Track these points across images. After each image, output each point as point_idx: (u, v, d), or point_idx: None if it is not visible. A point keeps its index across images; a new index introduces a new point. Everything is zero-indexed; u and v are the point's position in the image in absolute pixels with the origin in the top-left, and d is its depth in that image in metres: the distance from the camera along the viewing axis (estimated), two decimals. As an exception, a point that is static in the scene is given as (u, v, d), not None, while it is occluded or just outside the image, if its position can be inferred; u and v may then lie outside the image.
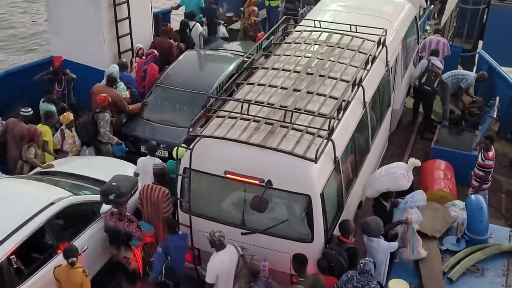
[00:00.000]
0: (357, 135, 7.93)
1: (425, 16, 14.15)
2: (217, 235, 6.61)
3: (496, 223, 8.38)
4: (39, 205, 7.07)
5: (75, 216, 7.56)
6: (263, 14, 15.31)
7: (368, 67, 8.39)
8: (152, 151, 8.58)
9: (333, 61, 8.34)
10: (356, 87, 7.88)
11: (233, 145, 6.78)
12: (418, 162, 7.71)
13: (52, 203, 7.14)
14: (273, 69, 8.30)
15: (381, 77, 9.06)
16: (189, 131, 7.07)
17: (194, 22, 12.71)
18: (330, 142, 6.84)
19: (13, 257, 6.53)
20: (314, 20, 9.54)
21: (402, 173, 7.58)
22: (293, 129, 6.91)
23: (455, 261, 7.19)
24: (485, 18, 16.75)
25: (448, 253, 7.35)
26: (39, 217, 6.92)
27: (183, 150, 7.14)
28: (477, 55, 14.10)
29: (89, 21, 10.73)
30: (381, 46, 8.98)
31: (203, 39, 12.75)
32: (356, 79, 7.82)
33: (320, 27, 9.39)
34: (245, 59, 8.84)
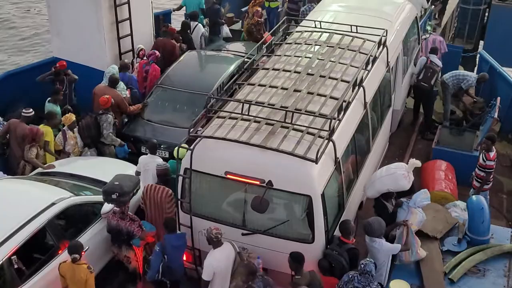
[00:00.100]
0: (357, 135, 7.92)
1: (425, 16, 14.14)
2: (214, 232, 6.62)
3: (498, 224, 8.37)
4: (40, 205, 7.08)
5: (76, 217, 7.58)
6: (263, 15, 15.29)
7: (369, 67, 8.39)
8: (152, 149, 8.61)
9: (334, 62, 8.34)
10: (356, 87, 7.87)
11: (233, 145, 6.78)
12: (418, 163, 7.71)
13: (53, 204, 7.16)
14: (273, 69, 8.30)
15: (381, 77, 9.06)
16: (189, 132, 7.08)
17: (196, 22, 12.72)
18: (330, 142, 6.84)
19: (14, 257, 6.54)
20: (315, 21, 9.55)
21: (402, 174, 7.57)
22: (293, 129, 6.91)
23: (456, 262, 7.18)
24: (486, 18, 16.76)
25: (449, 254, 7.34)
26: (40, 218, 6.93)
27: (184, 150, 7.15)
28: (478, 55, 14.09)
29: (90, 22, 10.73)
30: (381, 46, 8.98)
31: (205, 40, 12.77)
32: (356, 79, 7.81)
33: (321, 28, 9.40)
34: (246, 59, 8.84)
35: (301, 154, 6.52)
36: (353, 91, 7.77)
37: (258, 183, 6.63)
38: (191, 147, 6.97)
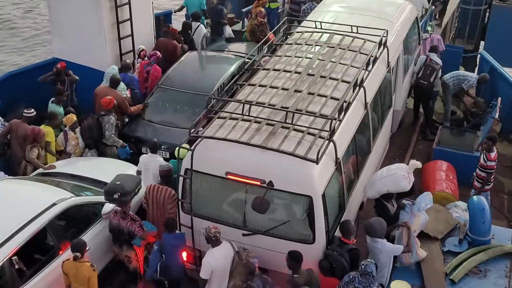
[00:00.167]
0: (358, 136, 7.92)
1: (426, 16, 14.14)
2: (213, 231, 6.63)
3: (499, 224, 8.36)
4: (41, 206, 7.08)
5: (76, 217, 7.58)
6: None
7: (369, 68, 8.39)
8: (153, 148, 8.61)
9: (335, 62, 8.34)
10: (357, 88, 7.88)
11: (234, 146, 6.78)
12: (419, 164, 7.70)
13: (54, 204, 7.16)
14: (274, 70, 8.30)
15: (382, 78, 9.06)
16: (190, 132, 7.08)
17: (198, 23, 12.73)
18: (331, 143, 6.84)
19: (15, 258, 6.54)
20: (315, 21, 9.55)
21: (403, 175, 7.56)
22: (294, 130, 6.91)
23: (457, 263, 7.18)
24: (486, 18, 16.75)
25: (450, 254, 7.34)
26: (41, 218, 6.93)
27: (185, 151, 7.15)
28: (478, 55, 14.08)
29: (90, 22, 10.74)
30: (382, 47, 8.98)
31: (206, 40, 12.76)
32: (357, 80, 7.81)
33: (321, 28, 9.40)
34: (247, 60, 8.84)
35: (301, 154, 6.52)
36: (353, 91, 7.77)
37: (258, 183, 6.63)
38: (192, 147, 6.98)
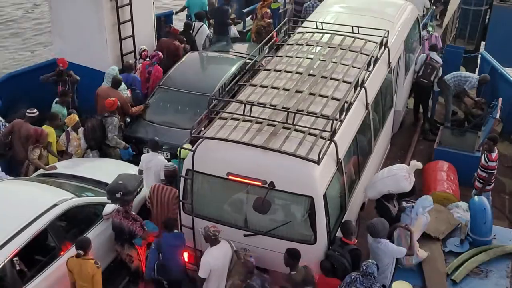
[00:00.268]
0: (359, 136, 7.92)
1: (427, 17, 14.15)
2: (212, 230, 6.64)
3: (500, 225, 8.35)
4: (42, 207, 7.08)
5: (78, 218, 7.57)
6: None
7: (370, 68, 8.39)
8: (154, 147, 8.61)
9: (336, 63, 8.34)
10: (358, 88, 7.87)
11: (235, 146, 6.78)
12: (420, 165, 7.69)
13: (55, 205, 7.16)
14: (275, 70, 8.30)
15: (383, 78, 9.05)
16: (192, 133, 7.08)
17: (201, 23, 12.73)
18: (332, 143, 6.84)
19: (16, 259, 6.54)
20: (316, 22, 9.55)
21: (404, 175, 7.56)
22: (295, 130, 6.90)
23: (459, 263, 7.16)
24: (487, 19, 16.75)
25: (451, 255, 7.33)
26: (42, 219, 6.93)
27: (187, 151, 7.15)
28: (479, 56, 14.09)
29: (91, 23, 10.74)
30: (383, 47, 8.98)
31: (210, 41, 12.76)
32: (358, 80, 7.81)
33: (322, 29, 9.40)
34: (248, 60, 8.84)
35: (303, 155, 6.52)
36: (354, 92, 7.77)
37: (260, 184, 6.63)
38: (193, 148, 6.98)
